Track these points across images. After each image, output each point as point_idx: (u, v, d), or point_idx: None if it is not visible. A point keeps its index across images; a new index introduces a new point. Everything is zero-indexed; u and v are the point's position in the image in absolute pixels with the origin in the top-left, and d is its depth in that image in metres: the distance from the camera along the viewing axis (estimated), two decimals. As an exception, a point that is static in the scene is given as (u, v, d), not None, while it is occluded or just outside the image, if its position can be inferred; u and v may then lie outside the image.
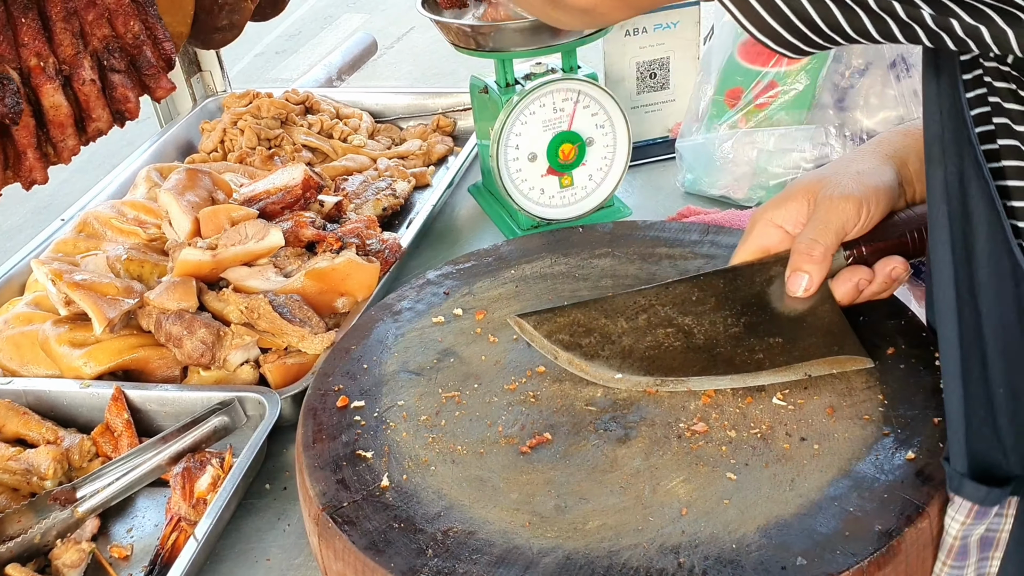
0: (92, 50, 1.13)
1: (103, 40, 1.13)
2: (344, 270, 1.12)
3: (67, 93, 1.11)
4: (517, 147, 1.30)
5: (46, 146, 1.10)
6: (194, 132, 1.73)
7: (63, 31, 1.07)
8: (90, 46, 1.12)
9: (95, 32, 1.11)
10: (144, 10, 1.13)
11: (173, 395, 1.05)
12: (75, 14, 1.08)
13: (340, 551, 0.78)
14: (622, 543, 0.74)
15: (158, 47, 1.18)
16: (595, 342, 0.75)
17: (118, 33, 1.14)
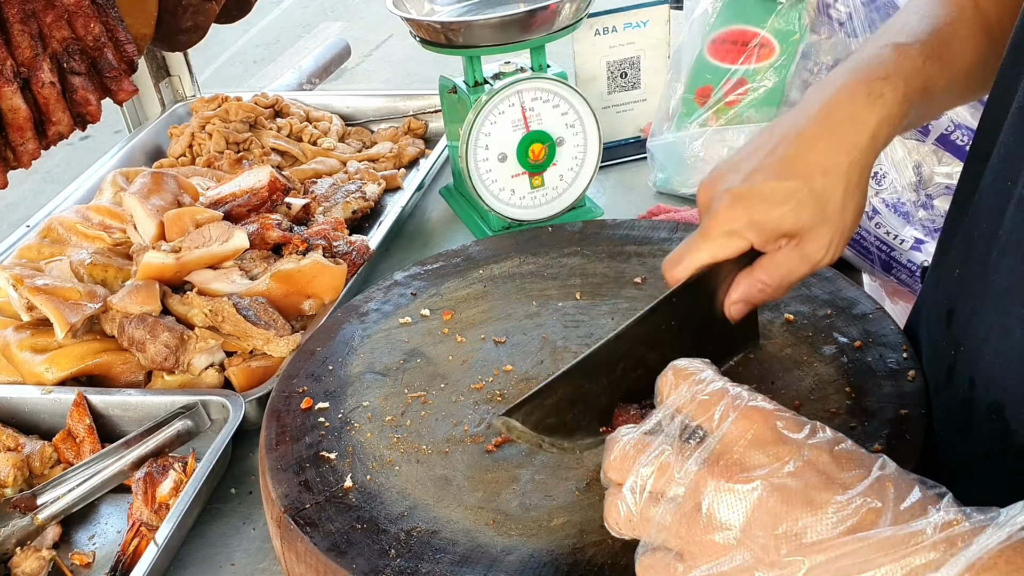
0: (51, 52, 1.11)
1: (63, 42, 1.12)
2: (310, 272, 1.11)
3: (26, 96, 1.09)
4: (487, 147, 1.30)
5: (5, 150, 1.08)
6: (163, 137, 1.71)
7: (21, 33, 1.05)
8: (49, 48, 1.11)
9: (54, 34, 1.09)
10: (105, 12, 1.12)
11: (136, 400, 1.04)
12: (34, 16, 1.07)
13: (302, 553, 0.77)
14: (587, 540, 0.73)
15: (119, 49, 1.17)
16: (577, 413, 0.71)
17: (78, 35, 1.12)
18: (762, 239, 0.74)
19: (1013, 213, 0.64)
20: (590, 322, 1.01)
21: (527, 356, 0.97)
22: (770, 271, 0.75)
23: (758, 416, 0.54)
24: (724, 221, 0.74)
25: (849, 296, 0.97)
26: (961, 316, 0.73)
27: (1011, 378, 0.65)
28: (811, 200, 0.72)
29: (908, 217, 1.22)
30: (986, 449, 0.68)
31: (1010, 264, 0.65)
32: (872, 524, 0.48)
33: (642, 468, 0.55)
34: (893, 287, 1.27)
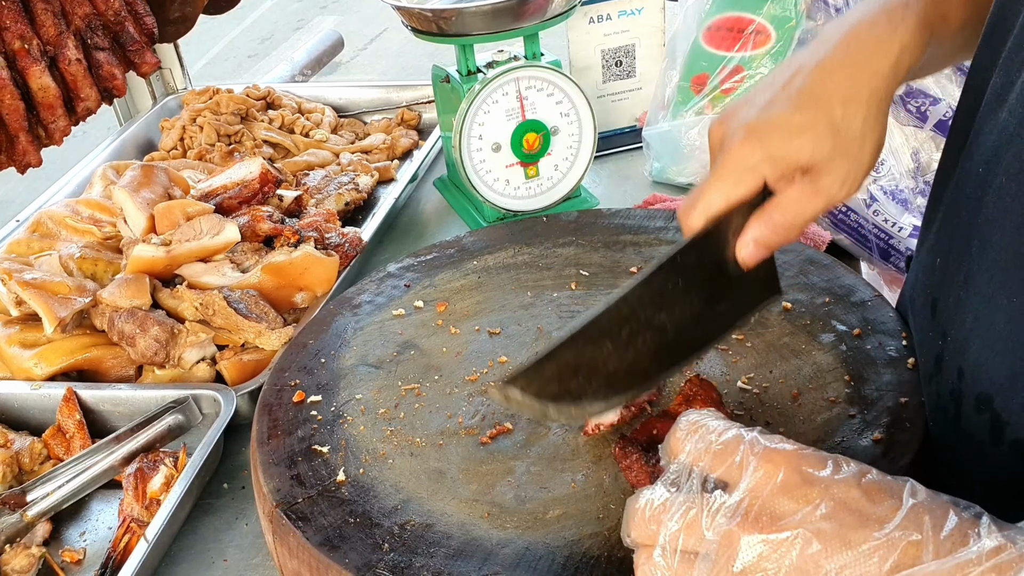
0: (75, 29, 1.11)
1: (85, 18, 1.11)
2: (302, 264, 1.09)
3: (54, 74, 1.09)
4: (480, 137, 1.28)
5: (37, 128, 1.07)
6: (154, 131, 1.69)
7: (44, 11, 1.05)
8: (72, 25, 1.10)
9: (76, 11, 1.09)
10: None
11: (126, 395, 1.02)
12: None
13: (294, 548, 0.76)
14: (583, 532, 0.72)
15: (139, 22, 1.16)
16: (582, 380, 0.67)
17: (99, 11, 1.12)
18: (777, 174, 0.69)
19: (993, 202, 0.63)
20: (585, 312, 0.99)
21: (522, 347, 0.96)
22: (783, 209, 0.70)
23: (781, 459, 0.53)
24: (738, 157, 0.69)
25: (847, 283, 0.96)
26: (945, 306, 0.72)
27: (998, 368, 0.63)
28: (829, 131, 0.68)
29: (906, 204, 1.21)
30: (976, 441, 0.67)
31: (993, 254, 0.63)
32: (914, 558, 0.47)
33: (669, 528, 0.53)
34: (891, 275, 1.26)
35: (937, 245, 0.74)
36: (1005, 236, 0.61)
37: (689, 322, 0.73)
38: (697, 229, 0.71)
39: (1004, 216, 0.61)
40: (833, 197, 0.70)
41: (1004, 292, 0.61)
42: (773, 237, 0.71)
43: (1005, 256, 0.61)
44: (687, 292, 0.72)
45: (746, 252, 0.71)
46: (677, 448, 0.59)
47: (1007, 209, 0.60)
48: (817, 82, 0.70)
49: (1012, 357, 0.61)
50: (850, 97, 0.68)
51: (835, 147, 0.68)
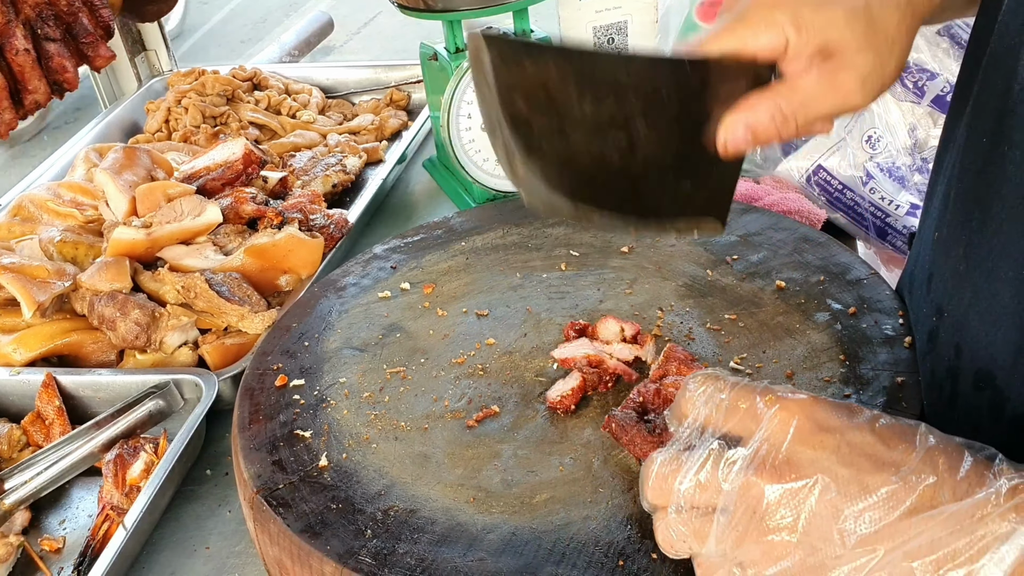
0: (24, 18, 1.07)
1: (36, 7, 1.08)
2: (286, 246, 1.07)
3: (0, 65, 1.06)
4: (469, 116, 1.26)
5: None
6: (139, 113, 1.67)
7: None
8: (22, 14, 1.07)
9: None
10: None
11: (107, 380, 1.00)
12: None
13: (275, 535, 0.74)
14: (571, 516, 0.70)
15: (95, 14, 1.13)
16: (546, 125, 0.59)
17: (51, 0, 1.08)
18: (801, 40, 0.61)
19: (996, 173, 0.60)
20: (575, 293, 0.97)
21: (510, 329, 0.93)
22: (790, 96, 0.61)
23: (795, 408, 0.52)
24: (763, 8, 0.61)
25: (843, 262, 0.93)
26: (941, 280, 0.70)
27: (1001, 345, 0.61)
28: (865, 21, 0.60)
29: (903, 182, 1.19)
30: (974, 420, 0.65)
31: (995, 226, 0.61)
32: (931, 500, 0.47)
33: (685, 485, 0.53)
34: (889, 254, 1.24)
35: (936, 218, 0.72)
36: (1010, 207, 0.59)
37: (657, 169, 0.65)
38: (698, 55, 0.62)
39: (1008, 187, 0.59)
40: (848, 97, 0.62)
41: (1008, 265, 0.59)
42: (769, 125, 0.62)
43: (1010, 228, 0.59)
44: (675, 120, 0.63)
45: (731, 134, 0.62)
46: (687, 409, 0.57)
47: (1011, 179, 0.58)
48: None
49: (1017, 333, 0.59)
50: None
51: (866, 34, 0.61)
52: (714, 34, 0.63)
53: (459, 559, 0.68)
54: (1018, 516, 0.45)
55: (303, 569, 0.71)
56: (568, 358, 0.84)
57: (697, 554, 0.55)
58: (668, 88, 0.62)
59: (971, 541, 0.45)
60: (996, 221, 0.60)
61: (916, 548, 0.46)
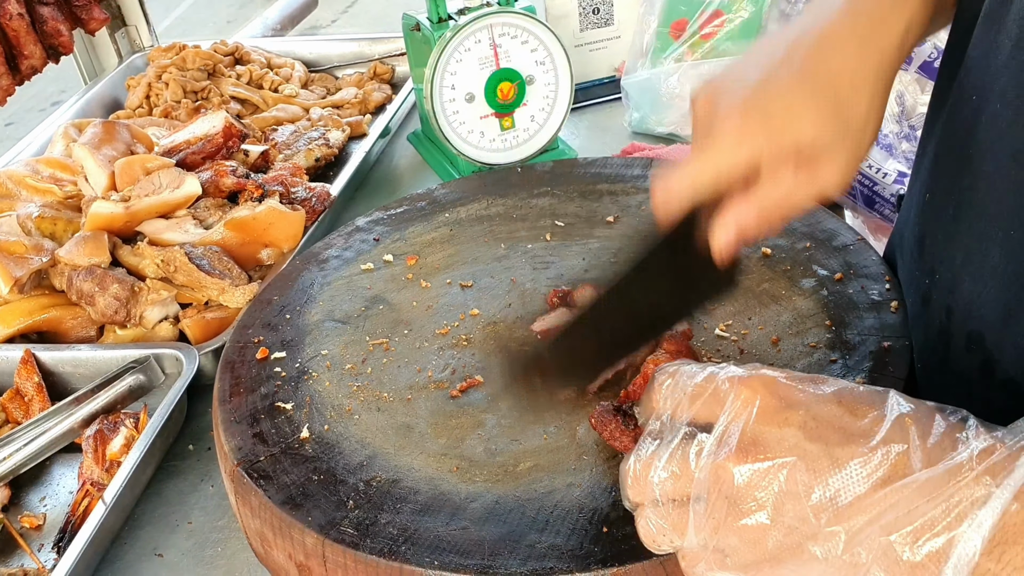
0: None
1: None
2: (267, 219, 1.05)
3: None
4: (453, 87, 1.24)
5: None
6: (120, 89, 1.64)
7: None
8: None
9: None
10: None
11: (86, 355, 0.99)
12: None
13: (257, 508, 0.73)
14: (555, 484, 0.69)
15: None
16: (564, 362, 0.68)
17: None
18: (773, 153, 0.62)
19: (986, 130, 0.59)
20: (560, 263, 0.96)
21: (495, 300, 0.92)
22: (773, 195, 0.62)
23: (757, 385, 0.51)
24: (734, 130, 0.62)
25: (829, 228, 0.93)
26: (933, 242, 0.69)
27: (991, 305, 0.60)
28: (835, 113, 0.61)
29: (891, 150, 1.18)
30: (965, 381, 0.64)
31: (986, 185, 0.60)
32: (904, 469, 0.46)
33: (656, 480, 0.52)
34: (876, 223, 1.23)
35: (927, 179, 0.71)
36: (999, 165, 0.58)
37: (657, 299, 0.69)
38: (682, 205, 0.64)
39: (998, 144, 0.57)
40: (826, 187, 0.63)
41: (998, 225, 0.58)
42: (757, 226, 0.63)
43: (999, 186, 0.58)
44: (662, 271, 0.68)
45: (724, 241, 0.64)
46: (655, 402, 0.57)
47: (1001, 137, 0.57)
48: (823, 57, 0.62)
49: (1007, 293, 0.58)
50: (857, 75, 0.61)
51: (837, 131, 0.61)
52: (684, 169, 0.64)
53: (442, 528, 0.67)
54: (993, 479, 0.43)
55: (284, 541, 0.71)
56: (546, 329, 0.84)
57: (679, 547, 0.53)
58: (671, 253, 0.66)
59: (948, 508, 0.44)
60: (987, 179, 0.59)
61: (893, 520, 0.45)
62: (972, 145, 0.61)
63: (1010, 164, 0.57)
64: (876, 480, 0.46)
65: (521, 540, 0.65)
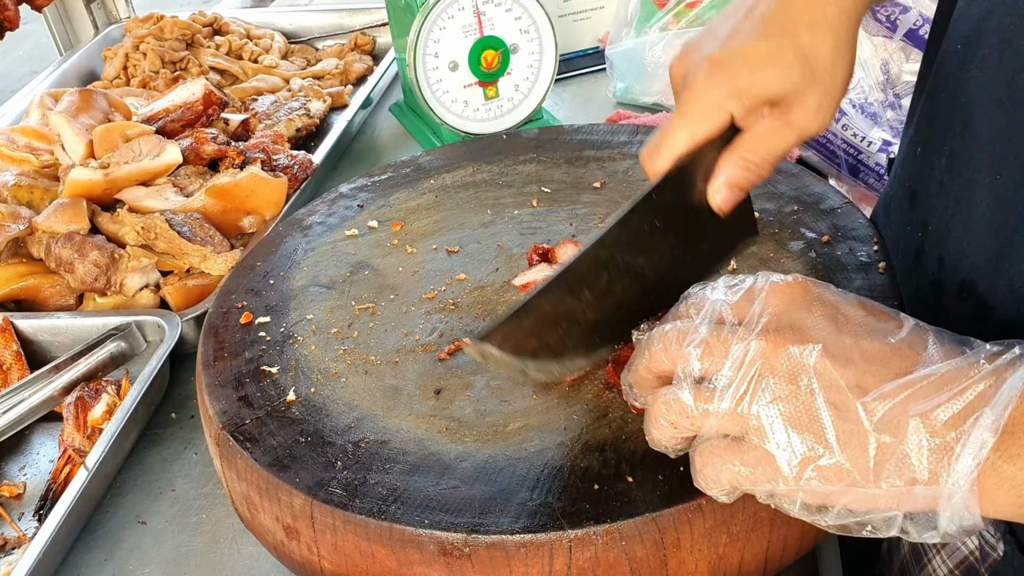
0: None
1: None
2: (248, 186, 1.04)
3: None
4: (436, 55, 1.23)
5: None
6: (96, 61, 1.61)
7: None
8: None
9: None
10: (14, -94, 1.03)
11: (66, 323, 0.97)
12: (-67, -90, 0.98)
13: (243, 471, 0.72)
14: (545, 443, 0.69)
15: None
16: (562, 333, 0.64)
17: None
18: (744, 108, 0.64)
19: (975, 77, 0.59)
20: (547, 228, 0.95)
21: (482, 264, 0.91)
22: (753, 146, 0.65)
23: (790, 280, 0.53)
24: (702, 93, 0.64)
25: (816, 191, 0.92)
26: (925, 195, 0.69)
27: (981, 252, 0.61)
28: (798, 59, 0.63)
29: (876, 118, 1.18)
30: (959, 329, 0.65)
31: (974, 132, 0.60)
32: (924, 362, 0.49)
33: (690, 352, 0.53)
34: (861, 192, 1.23)
35: (917, 134, 0.71)
36: (987, 111, 0.57)
37: (668, 266, 0.69)
38: (662, 171, 0.66)
39: (986, 90, 0.57)
40: (805, 129, 0.65)
41: (987, 171, 0.58)
42: (746, 176, 0.66)
43: (987, 132, 0.58)
44: (664, 234, 0.68)
45: (720, 197, 0.66)
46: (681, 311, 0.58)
47: (989, 82, 0.57)
48: (781, 7, 0.64)
49: (997, 239, 0.58)
50: (817, 21, 0.63)
51: (804, 76, 0.63)
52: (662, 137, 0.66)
53: (431, 487, 0.66)
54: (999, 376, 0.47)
55: (271, 503, 0.70)
56: (528, 283, 0.83)
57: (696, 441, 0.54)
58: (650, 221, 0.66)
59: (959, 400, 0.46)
60: (976, 127, 0.59)
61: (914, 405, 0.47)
62: (961, 92, 0.61)
63: (996, 110, 0.57)
64: (899, 370, 0.48)
65: (512, 498, 0.64)
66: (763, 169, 0.66)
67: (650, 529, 0.61)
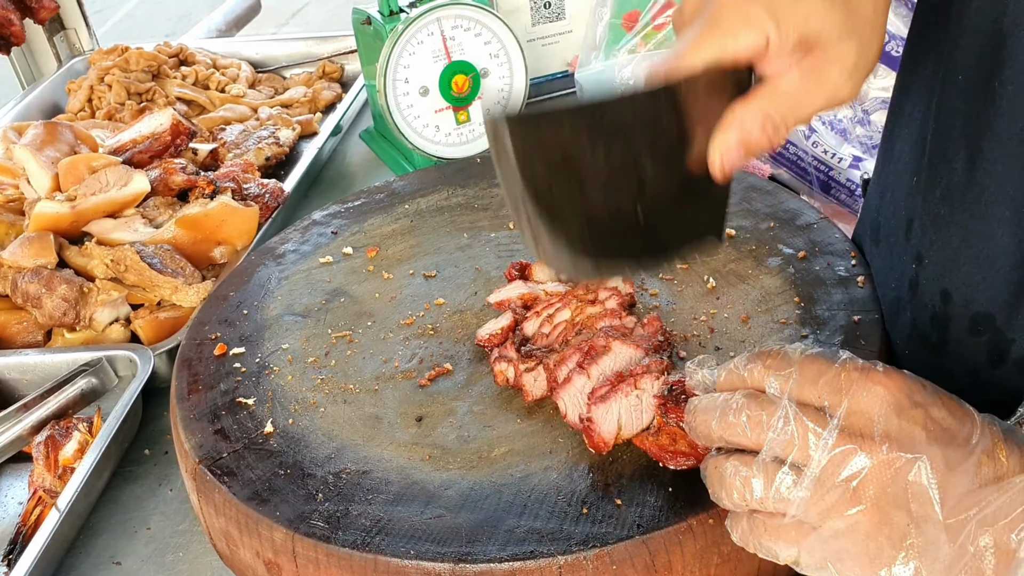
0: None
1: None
2: (219, 215, 1.02)
3: None
4: (407, 80, 1.22)
5: None
6: (60, 94, 1.59)
7: None
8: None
9: None
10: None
11: (34, 360, 0.95)
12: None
13: (221, 505, 0.70)
14: (531, 467, 0.68)
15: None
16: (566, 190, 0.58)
17: None
18: (780, 36, 0.55)
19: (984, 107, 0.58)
20: (525, 250, 0.95)
21: (460, 288, 0.91)
22: (778, 101, 0.57)
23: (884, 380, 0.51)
24: (738, 6, 0.55)
25: (791, 208, 0.93)
26: (921, 226, 0.67)
27: (1000, 286, 0.60)
28: (842, 2, 0.55)
29: (845, 134, 1.19)
30: (971, 364, 0.64)
31: (987, 165, 0.59)
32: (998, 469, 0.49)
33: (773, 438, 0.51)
34: (833, 208, 1.23)
35: (911, 164, 0.70)
36: (1003, 144, 0.57)
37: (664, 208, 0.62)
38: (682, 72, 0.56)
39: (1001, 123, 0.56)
40: (836, 91, 0.57)
41: (1005, 205, 0.57)
42: (760, 137, 0.57)
43: (1004, 166, 0.57)
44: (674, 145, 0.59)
45: (725, 156, 0.58)
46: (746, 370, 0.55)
47: (1004, 115, 0.56)
48: None
49: (1020, 272, 0.57)
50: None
51: (846, 21, 0.55)
52: (691, 44, 0.56)
53: (416, 517, 0.65)
54: None
55: (251, 538, 0.68)
56: (502, 300, 0.83)
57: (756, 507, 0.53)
58: (666, 116, 0.58)
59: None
60: (987, 160, 0.58)
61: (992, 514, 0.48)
62: (968, 126, 0.60)
63: (1014, 142, 0.56)
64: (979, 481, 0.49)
65: (499, 525, 0.63)
66: (780, 133, 0.58)
67: (641, 552, 0.60)
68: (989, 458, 0.49)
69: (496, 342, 0.78)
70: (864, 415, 0.50)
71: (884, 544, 0.49)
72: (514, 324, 0.80)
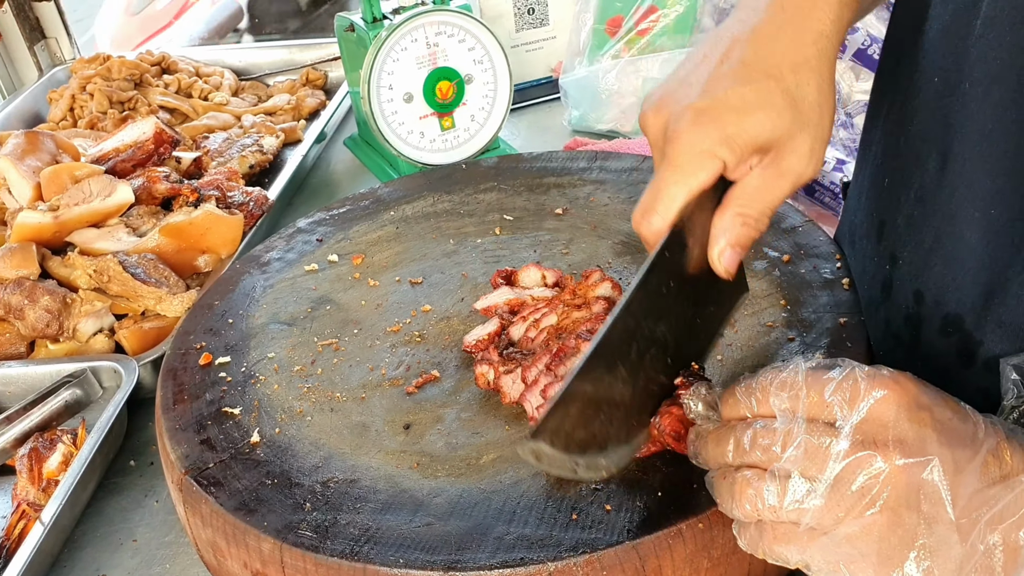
0: None
1: None
2: (203, 224, 1.02)
3: None
4: (391, 87, 1.22)
5: None
6: (41, 104, 1.58)
7: None
8: None
9: None
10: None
11: (17, 372, 0.94)
12: None
13: (207, 516, 0.69)
14: (520, 474, 0.68)
15: None
16: (604, 419, 0.62)
17: None
18: (736, 156, 0.61)
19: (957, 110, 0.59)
20: (511, 256, 0.95)
21: (446, 295, 0.90)
22: (749, 199, 0.62)
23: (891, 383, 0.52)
24: (692, 142, 0.61)
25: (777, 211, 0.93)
26: (893, 228, 0.68)
27: (969, 287, 0.60)
28: (786, 102, 0.60)
29: (829, 137, 1.19)
30: (941, 365, 0.64)
31: (957, 167, 0.59)
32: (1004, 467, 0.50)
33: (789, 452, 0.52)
34: (817, 211, 1.24)
35: (883, 165, 0.71)
36: (971, 146, 0.57)
37: (684, 331, 0.67)
38: (662, 230, 0.62)
39: (970, 124, 0.57)
40: (800, 175, 0.62)
41: (975, 206, 0.58)
42: (747, 234, 0.63)
43: (973, 166, 0.57)
44: (678, 296, 0.65)
45: (725, 259, 0.63)
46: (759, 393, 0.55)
47: (972, 117, 0.57)
48: (760, 51, 0.62)
49: (989, 273, 0.58)
50: (800, 63, 0.61)
51: (794, 119, 0.61)
52: (655, 195, 0.62)
53: (405, 525, 0.65)
54: None
55: (239, 549, 0.67)
56: (489, 307, 0.82)
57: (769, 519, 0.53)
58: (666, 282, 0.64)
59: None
60: (957, 161, 0.59)
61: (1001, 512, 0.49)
62: (937, 128, 0.60)
63: (983, 143, 0.57)
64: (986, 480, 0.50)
65: (488, 532, 0.63)
66: (761, 223, 0.63)
67: (631, 557, 0.60)
68: (995, 457, 0.50)
69: (483, 348, 0.78)
70: (876, 421, 0.51)
71: (896, 545, 0.49)
72: (500, 330, 0.79)
